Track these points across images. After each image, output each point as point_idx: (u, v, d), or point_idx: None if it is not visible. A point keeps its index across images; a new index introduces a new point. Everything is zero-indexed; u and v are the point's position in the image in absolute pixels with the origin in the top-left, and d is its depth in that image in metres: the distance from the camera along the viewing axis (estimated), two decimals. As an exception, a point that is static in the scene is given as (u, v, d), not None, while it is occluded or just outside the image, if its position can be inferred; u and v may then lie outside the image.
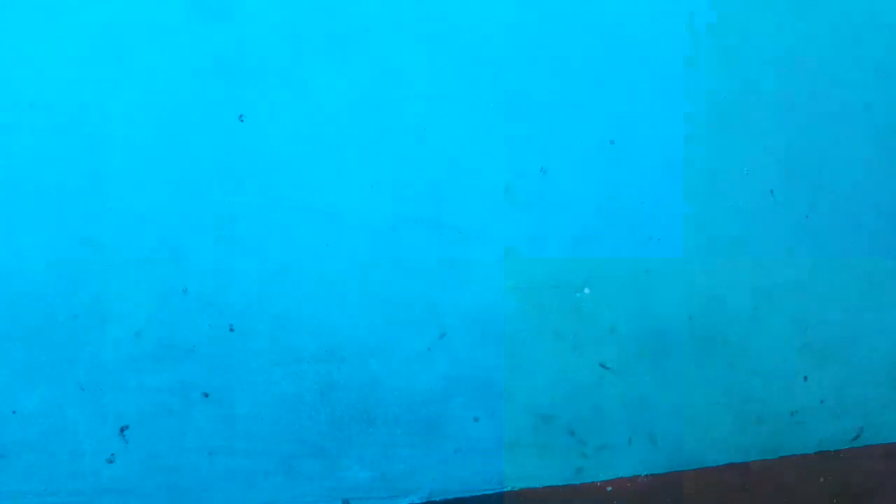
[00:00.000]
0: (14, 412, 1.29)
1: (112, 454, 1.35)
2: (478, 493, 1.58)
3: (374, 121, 1.46)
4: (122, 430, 1.35)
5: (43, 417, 1.31)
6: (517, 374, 1.59)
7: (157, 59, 1.33)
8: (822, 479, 1.77)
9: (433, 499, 1.55)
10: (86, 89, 1.30)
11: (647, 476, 1.70)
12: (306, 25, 1.40)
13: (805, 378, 1.82)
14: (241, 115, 1.38)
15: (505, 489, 1.60)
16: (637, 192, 1.65)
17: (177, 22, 1.33)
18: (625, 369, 1.67)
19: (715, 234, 1.71)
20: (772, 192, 1.76)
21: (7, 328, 1.28)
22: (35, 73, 1.27)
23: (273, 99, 1.39)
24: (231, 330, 1.40)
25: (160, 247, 1.35)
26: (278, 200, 1.41)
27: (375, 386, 1.49)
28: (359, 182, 1.46)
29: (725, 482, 1.73)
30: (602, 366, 1.65)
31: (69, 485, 1.33)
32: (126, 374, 1.35)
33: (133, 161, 1.33)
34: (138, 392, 1.35)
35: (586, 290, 1.62)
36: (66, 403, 1.32)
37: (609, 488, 1.66)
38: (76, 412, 1.33)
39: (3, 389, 1.29)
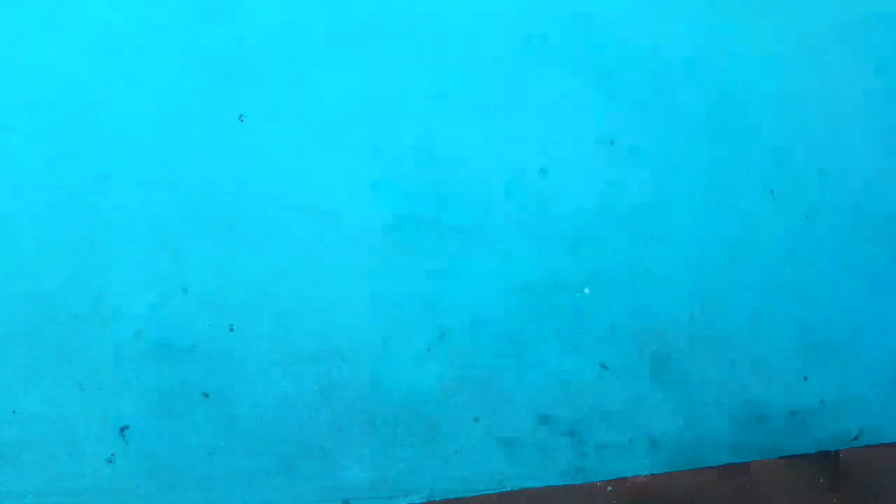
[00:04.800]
0: (14, 412, 1.29)
1: (112, 454, 1.35)
2: (478, 493, 1.57)
3: (374, 121, 1.46)
4: (122, 430, 1.35)
5: (43, 417, 1.31)
6: (517, 374, 1.59)
7: (157, 59, 1.33)
8: (822, 479, 1.77)
9: (433, 499, 1.55)
10: (86, 89, 1.30)
11: (647, 476, 1.70)
12: (306, 25, 1.40)
13: (805, 378, 1.82)
14: (241, 115, 1.38)
15: (505, 489, 1.60)
16: (637, 192, 1.65)
17: (177, 22, 1.33)
18: (625, 369, 1.67)
19: (715, 234, 1.71)
20: (772, 192, 1.76)
21: (7, 328, 1.28)
22: (35, 73, 1.27)
23: (273, 99, 1.39)
24: (231, 330, 1.40)
25: (160, 247, 1.35)
26: (278, 200, 1.41)
27: (375, 386, 1.49)
28: (359, 182, 1.46)
29: (725, 482, 1.73)
30: (602, 366, 1.65)
31: (69, 485, 1.33)
32: (126, 374, 1.35)
33: (133, 161, 1.33)
34: (138, 392, 1.35)
35: (586, 291, 1.62)
36: (66, 403, 1.32)
37: (609, 488, 1.66)
38: (76, 412, 1.32)
39: (3, 389, 1.29)
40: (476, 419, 1.57)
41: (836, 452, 1.85)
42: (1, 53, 1.25)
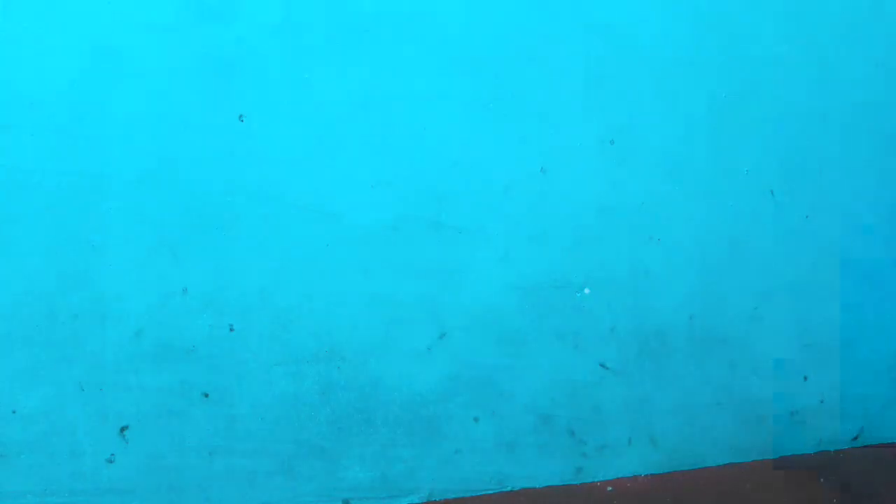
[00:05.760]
0: (14, 412, 1.29)
1: (112, 454, 1.35)
2: (478, 493, 1.58)
3: (374, 121, 1.46)
4: (122, 430, 1.35)
5: (43, 417, 1.31)
6: (517, 374, 1.59)
7: (157, 59, 1.33)
8: (822, 479, 1.77)
9: (433, 499, 1.55)
10: (86, 89, 1.30)
11: (647, 476, 1.70)
12: (306, 25, 1.40)
13: (805, 378, 1.82)
14: (241, 115, 1.38)
15: (505, 489, 1.60)
16: (637, 192, 1.65)
17: (177, 22, 1.33)
18: (625, 369, 1.67)
19: (715, 234, 1.71)
20: (772, 192, 1.76)
21: (7, 328, 1.28)
22: (35, 73, 1.27)
23: (273, 99, 1.39)
24: (231, 330, 1.40)
25: (160, 247, 1.35)
26: (278, 200, 1.41)
27: (375, 386, 1.50)
28: (359, 182, 1.46)
29: (725, 482, 1.73)
30: (602, 366, 1.65)
31: (69, 485, 1.33)
32: (126, 374, 1.35)
33: (133, 161, 1.33)
34: (138, 392, 1.35)
35: (586, 291, 1.62)
36: (66, 403, 1.32)
37: (609, 488, 1.66)
38: (76, 412, 1.33)
39: (3, 389, 1.29)
40: (476, 419, 1.57)
41: (836, 452, 1.85)
42: (1, 53, 1.25)
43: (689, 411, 1.72)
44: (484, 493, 1.58)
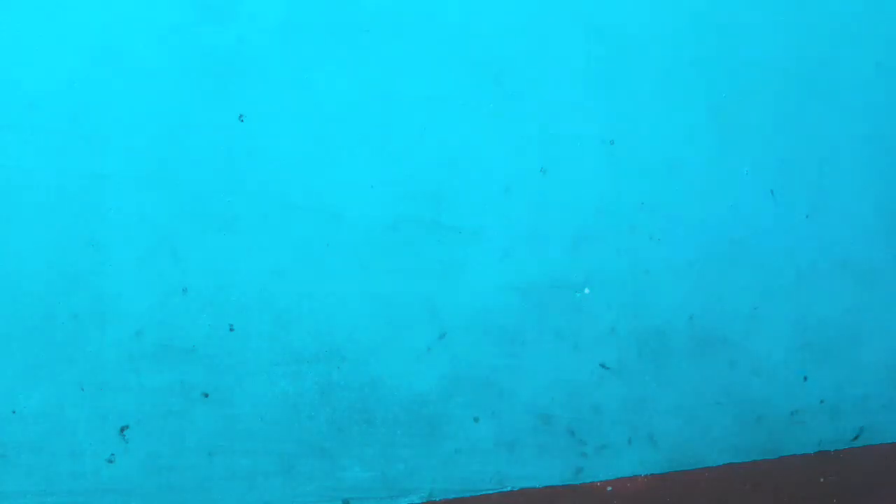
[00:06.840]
0: (14, 412, 1.29)
1: (112, 454, 1.35)
2: (478, 493, 1.58)
3: (374, 121, 1.46)
4: (122, 430, 1.35)
5: (43, 417, 1.31)
6: (517, 374, 1.59)
7: (157, 59, 1.33)
8: (822, 479, 1.77)
9: (433, 499, 1.55)
10: (86, 89, 1.30)
11: (647, 476, 1.70)
12: (306, 25, 1.40)
13: (805, 378, 1.82)
14: (241, 115, 1.38)
15: (505, 489, 1.60)
16: (637, 192, 1.65)
17: (177, 22, 1.33)
18: (625, 369, 1.67)
19: (715, 234, 1.71)
20: (772, 192, 1.76)
21: (7, 328, 1.28)
22: (35, 73, 1.27)
23: (273, 99, 1.39)
24: (231, 330, 1.40)
25: (160, 247, 1.35)
26: (278, 200, 1.41)
27: (375, 386, 1.50)
28: (359, 182, 1.46)
29: (725, 482, 1.73)
30: (602, 366, 1.65)
31: (69, 485, 1.33)
32: (126, 374, 1.35)
33: (133, 161, 1.33)
34: (138, 392, 1.35)
35: (586, 290, 1.62)
36: (66, 403, 1.32)
37: (609, 488, 1.66)
38: (76, 412, 1.33)
39: (3, 389, 1.29)
40: (476, 419, 1.57)
41: (836, 452, 1.85)
42: (1, 53, 1.25)
43: (689, 411, 1.72)
44: (484, 493, 1.58)
